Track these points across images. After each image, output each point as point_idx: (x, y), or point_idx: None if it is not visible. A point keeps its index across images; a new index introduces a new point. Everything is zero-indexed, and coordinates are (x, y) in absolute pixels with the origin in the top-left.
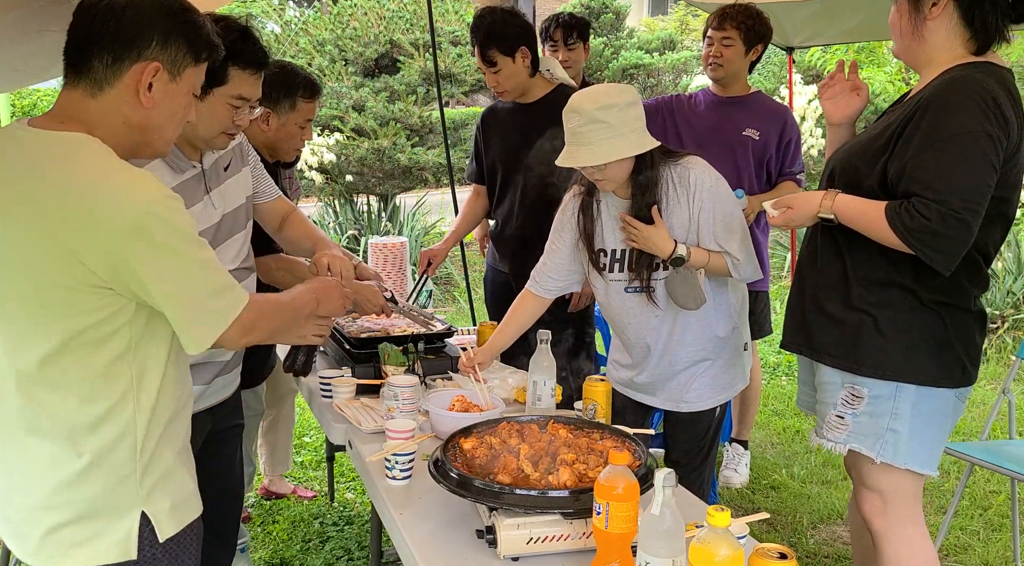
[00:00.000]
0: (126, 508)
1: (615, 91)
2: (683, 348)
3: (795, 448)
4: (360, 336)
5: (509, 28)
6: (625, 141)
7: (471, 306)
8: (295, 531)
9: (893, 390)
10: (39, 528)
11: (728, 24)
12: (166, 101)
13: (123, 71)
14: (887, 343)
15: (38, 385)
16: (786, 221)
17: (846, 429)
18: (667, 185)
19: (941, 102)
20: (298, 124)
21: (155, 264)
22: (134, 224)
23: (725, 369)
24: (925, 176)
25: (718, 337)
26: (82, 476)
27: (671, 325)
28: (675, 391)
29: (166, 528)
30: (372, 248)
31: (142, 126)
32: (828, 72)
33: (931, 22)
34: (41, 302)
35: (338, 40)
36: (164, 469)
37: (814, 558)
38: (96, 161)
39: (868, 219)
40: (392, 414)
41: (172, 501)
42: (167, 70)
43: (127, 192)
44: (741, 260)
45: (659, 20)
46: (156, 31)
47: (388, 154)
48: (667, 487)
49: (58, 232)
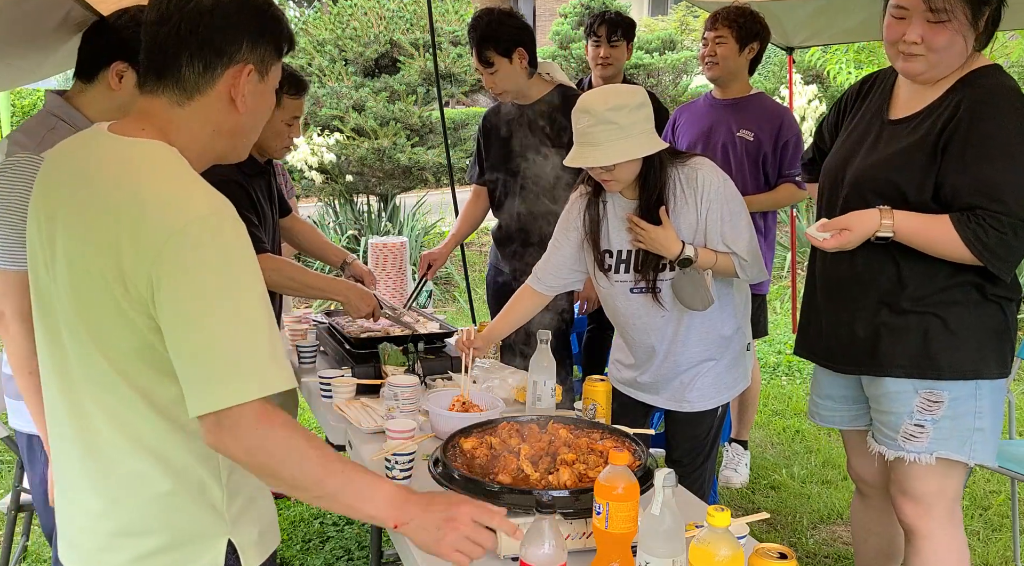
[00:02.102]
0: (213, 536)
1: (626, 92)
2: (687, 348)
3: (795, 448)
4: (360, 336)
5: (506, 29)
6: (634, 142)
7: (471, 306)
8: (295, 531)
9: (973, 389)
10: (121, 555)
11: (720, 23)
12: (257, 102)
13: (216, 78)
14: (959, 341)
15: (122, 400)
16: (841, 244)
17: (927, 436)
18: (675, 186)
19: (987, 111)
20: (284, 121)
21: (179, 283)
22: (174, 232)
23: (728, 369)
24: (990, 189)
25: (723, 337)
26: (169, 498)
27: (676, 326)
28: (678, 390)
29: (252, 558)
30: (372, 248)
31: (232, 131)
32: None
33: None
34: (106, 318)
35: (338, 40)
36: (249, 494)
37: (814, 558)
38: (164, 171)
39: (933, 235)
40: (392, 414)
41: (259, 529)
42: (257, 71)
43: (182, 201)
44: (748, 261)
45: (659, 20)
46: (246, 32)
47: (388, 154)
48: (667, 487)
49: (112, 245)
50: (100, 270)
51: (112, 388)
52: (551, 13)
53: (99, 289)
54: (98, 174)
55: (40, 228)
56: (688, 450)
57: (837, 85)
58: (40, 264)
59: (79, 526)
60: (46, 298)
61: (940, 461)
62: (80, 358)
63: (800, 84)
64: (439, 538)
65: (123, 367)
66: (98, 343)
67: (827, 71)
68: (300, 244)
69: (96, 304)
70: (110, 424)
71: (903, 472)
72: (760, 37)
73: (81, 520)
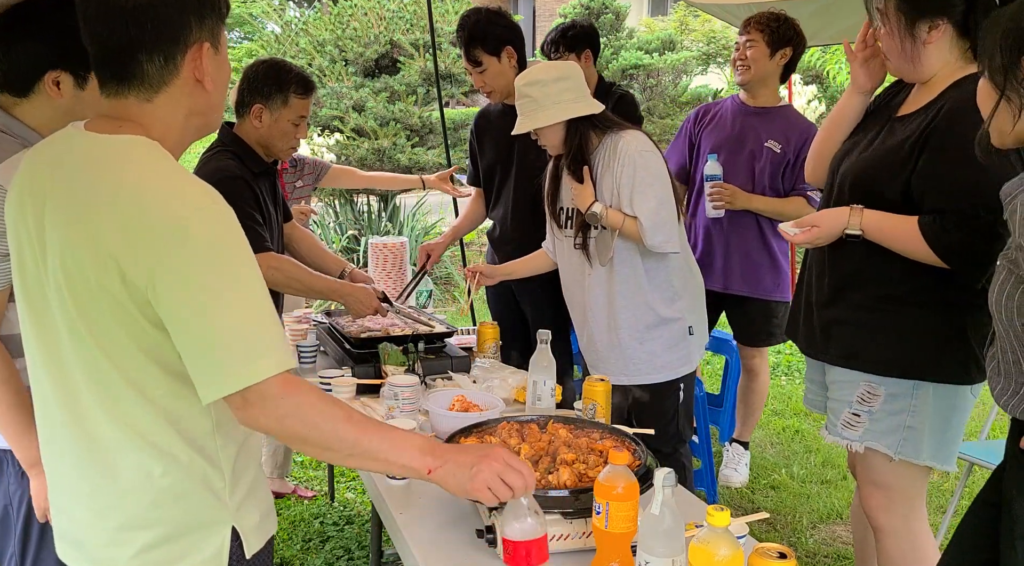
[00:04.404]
0: (218, 523)
1: (544, 69)
2: (620, 314)
3: (795, 448)
4: (360, 336)
5: (494, 28)
6: (546, 112)
7: (471, 306)
8: (295, 531)
9: (911, 388)
10: (129, 549)
11: (752, 27)
12: (220, 74)
13: (179, 66)
14: (902, 341)
15: (121, 395)
16: (811, 240)
17: (862, 427)
18: (604, 152)
19: (965, 117)
20: (291, 121)
21: (182, 274)
22: (173, 225)
23: (667, 349)
24: (955, 191)
25: (657, 314)
26: (173, 490)
27: (606, 288)
28: (617, 363)
29: (253, 543)
30: (372, 248)
31: (205, 109)
32: (827, 72)
33: (930, 46)
34: (104, 311)
35: (338, 40)
36: (250, 481)
37: (814, 558)
38: (150, 164)
39: (899, 235)
40: (392, 414)
41: (260, 514)
42: (212, 45)
43: (176, 194)
44: (647, 227)
45: (659, 20)
46: (191, 11)
47: (388, 154)
48: (667, 487)
49: (105, 239)
50: (95, 265)
51: (111, 384)
52: (551, 13)
53: (94, 283)
54: (85, 171)
55: (27, 227)
56: (656, 435)
57: (837, 85)
58: (28, 263)
59: (83, 525)
60: (36, 297)
61: (902, 462)
62: (78, 354)
63: (800, 84)
64: (473, 475)
65: (120, 361)
66: (96, 337)
67: (826, 71)
68: (298, 252)
69: (91, 299)
70: (110, 421)
71: (865, 464)
72: (793, 43)
73: (84, 519)
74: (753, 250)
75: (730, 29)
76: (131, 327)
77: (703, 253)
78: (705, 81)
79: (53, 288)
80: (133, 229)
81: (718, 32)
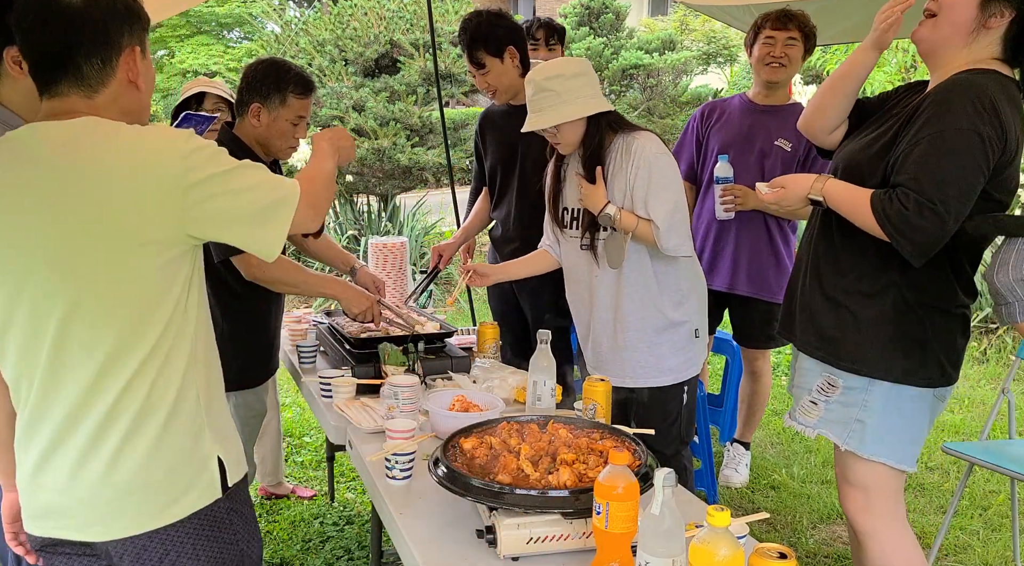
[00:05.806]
0: (206, 457)
1: (563, 63)
2: (628, 316)
3: (795, 448)
4: (360, 336)
5: (495, 29)
6: (570, 107)
7: (471, 306)
8: (295, 531)
9: (866, 383)
10: (134, 497)
11: (792, 24)
12: (150, 77)
13: (115, 68)
14: (864, 339)
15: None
16: (777, 199)
17: (817, 415)
18: (617, 153)
19: (940, 100)
20: (290, 121)
21: (212, 195)
22: (182, 165)
23: (674, 352)
24: (910, 167)
25: (666, 317)
26: (165, 434)
27: (614, 290)
28: (622, 365)
29: (234, 473)
30: (372, 248)
31: (136, 109)
32: (828, 72)
33: (987, 30)
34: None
35: (338, 40)
36: (222, 425)
37: (814, 558)
38: (120, 129)
39: (853, 204)
40: (392, 414)
41: (235, 452)
42: (141, 50)
43: (165, 142)
44: (662, 230)
45: (659, 20)
46: (123, 17)
47: (388, 154)
48: (667, 487)
49: (107, 204)
50: (100, 228)
51: (96, 357)
52: (551, 13)
53: (96, 245)
54: (73, 144)
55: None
56: (657, 438)
57: None
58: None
59: (80, 500)
60: (12, 284)
61: (874, 462)
62: (61, 332)
63: (800, 84)
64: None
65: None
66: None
67: (827, 71)
68: (306, 247)
69: (96, 261)
70: (94, 395)
71: (840, 461)
72: (812, 48)
73: (81, 493)
74: (761, 251)
75: (730, 29)
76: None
77: (710, 252)
78: (705, 81)
79: (38, 270)
80: (141, 182)
81: (718, 32)
